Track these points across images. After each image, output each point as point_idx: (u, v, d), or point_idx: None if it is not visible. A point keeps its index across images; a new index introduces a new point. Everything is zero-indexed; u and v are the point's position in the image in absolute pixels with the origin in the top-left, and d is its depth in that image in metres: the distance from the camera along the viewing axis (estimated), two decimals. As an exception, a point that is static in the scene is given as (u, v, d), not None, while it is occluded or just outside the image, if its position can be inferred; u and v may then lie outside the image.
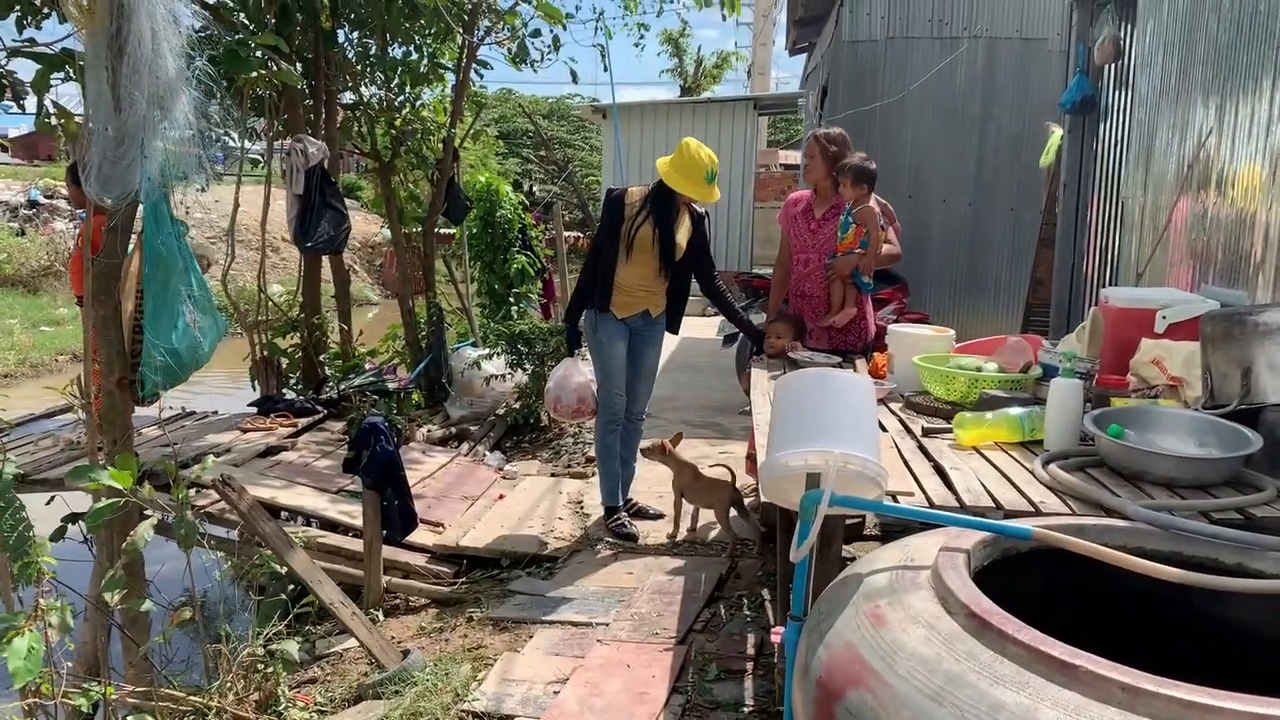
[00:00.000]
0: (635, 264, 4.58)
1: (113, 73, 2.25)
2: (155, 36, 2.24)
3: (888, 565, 1.85)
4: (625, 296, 4.63)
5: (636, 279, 4.62)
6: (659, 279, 4.66)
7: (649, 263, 4.58)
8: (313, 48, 6.62)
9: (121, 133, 2.30)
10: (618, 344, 4.66)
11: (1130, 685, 1.34)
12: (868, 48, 9.16)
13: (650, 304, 4.71)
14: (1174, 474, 2.45)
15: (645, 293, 4.67)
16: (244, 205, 6.39)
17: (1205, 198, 4.23)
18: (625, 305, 4.64)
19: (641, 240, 4.54)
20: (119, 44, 2.23)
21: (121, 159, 2.33)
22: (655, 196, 4.56)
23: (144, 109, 2.29)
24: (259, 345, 6.75)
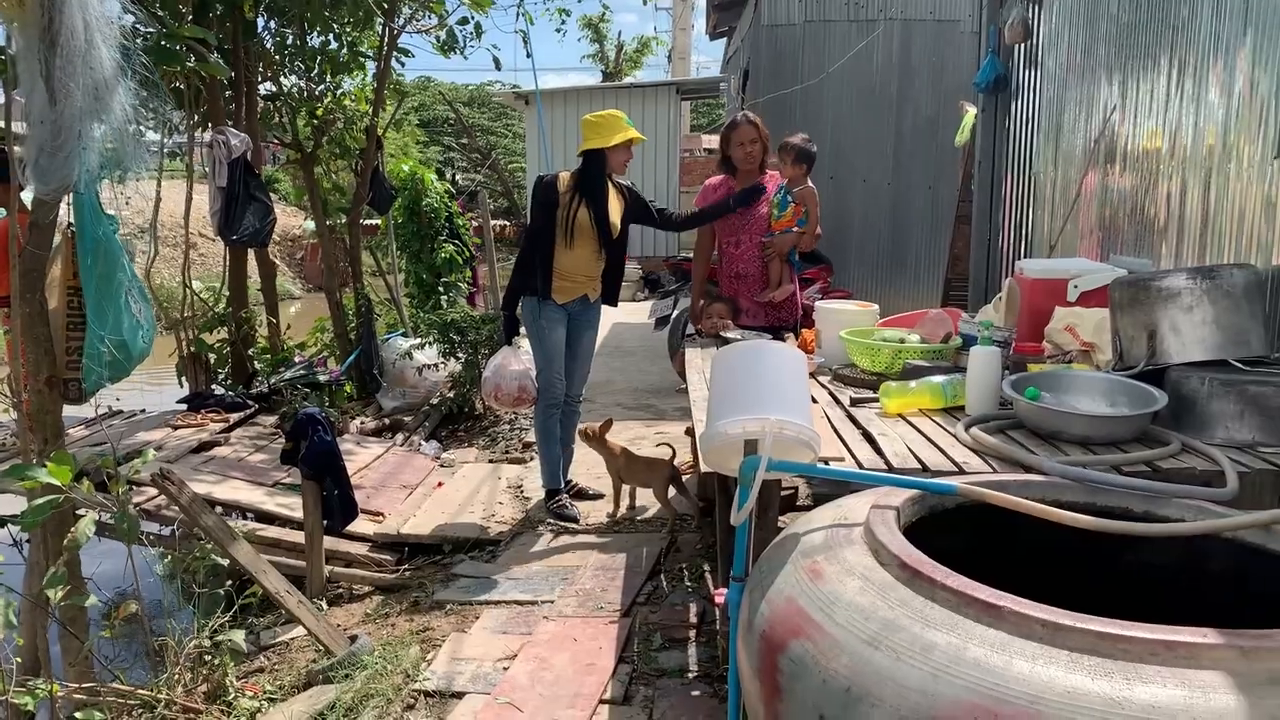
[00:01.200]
0: (575, 249, 4.59)
1: (46, 65, 2.24)
2: (88, 27, 2.23)
3: (823, 524, 1.95)
4: (565, 282, 4.63)
5: (577, 264, 4.63)
6: (598, 261, 4.69)
7: (589, 245, 4.61)
8: (231, 38, 6.53)
9: (58, 125, 2.29)
10: (558, 329, 4.67)
11: (1050, 621, 1.45)
12: (786, 31, 9.30)
13: (589, 288, 4.74)
14: (1087, 432, 2.60)
15: (585, 278, 4.69)
16: (164, 200, 6.28)
17: (1111, 171, 4.43)
18: (565, 291, 4.64)
19: (580, 225, 4.54)
20: (51, 36, 2.22)
21: (59, 150, 2.31)
22: (583, 178, 4.58)
23: (80, 100, 2.28)
24: (186, 341, 6.65)
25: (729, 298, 4.68)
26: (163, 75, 5.06)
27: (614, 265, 4.80)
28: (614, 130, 4.50)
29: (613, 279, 4.84)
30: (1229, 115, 3.42)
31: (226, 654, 3.19)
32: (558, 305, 4.64)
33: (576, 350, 4.84)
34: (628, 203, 4.74)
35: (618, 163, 4.60)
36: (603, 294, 4.85)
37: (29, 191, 2.65)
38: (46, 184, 2.43)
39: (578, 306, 4.73)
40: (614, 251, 4.75)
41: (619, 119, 4.55)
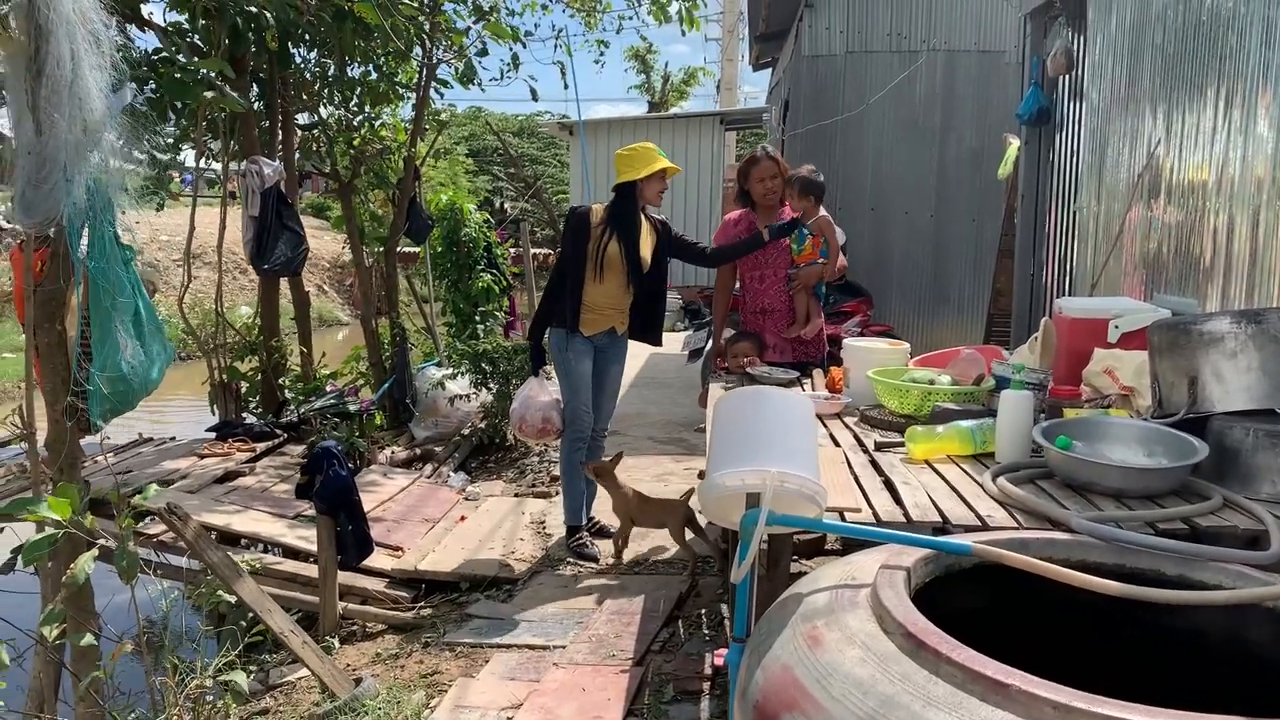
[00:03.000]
0: (605, 282, 4.56)
1: (32, 95, 2.20)
2: (75, 57, 2.19)
3: (828, 584, 1.83)
4: (593, 315, 4.59)
5: (605, 297, 4.59)
6: (626, 295, 4.63)
7: (617, 280, 4.56)
8: (268, 68, 6.57)
9: (42, 156, 2.25)
10: (585, 361, 4.62)
11: (1062, 704, 1.32)
12: (827, 62, 9.20)
13: (617, 321, 4.69)
14: (1121, 484, 2.45)
15: (614, 310, 4.64)
16: (207, 227, 6.33)
17: (1156, 206, 4.27)
18: (593, 324, 4.60)
19: (610, 259, 4.52)
20: (37, 65, 2.18)
21: (44, 183, 2.28)
22: (615, 211, 4.56)
23: (65, 131, 2.24)
24: (217, 369, 6.67)
25: (754, 334, 4.57)
26: (199, 105, 5.11)
27: (650, 299, 4.74)
28: (646, 162, 4.48)
29: (651, 314, 4.78)
30: (1279, 148, 3.26)
31: (229, 695, 3.11)
32: (585, 337, 4.60)
33: (603, 383, 4.78)
34: (660, 236, 4.70)
35: (652, 194, 4.56)
36: (642, 329, 4.78)
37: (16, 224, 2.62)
38: (31, 216, 2.39)
39: (605, 339, 4.69)
40: (647, 285, 4.67)
41: (650, 150, 4.54)
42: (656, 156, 4.51)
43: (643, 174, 4.47)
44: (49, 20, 2.15)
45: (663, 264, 4.73)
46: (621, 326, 4.71)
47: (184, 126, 6.51)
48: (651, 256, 4.62)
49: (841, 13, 9.15)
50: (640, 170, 4.48)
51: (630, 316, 4.74)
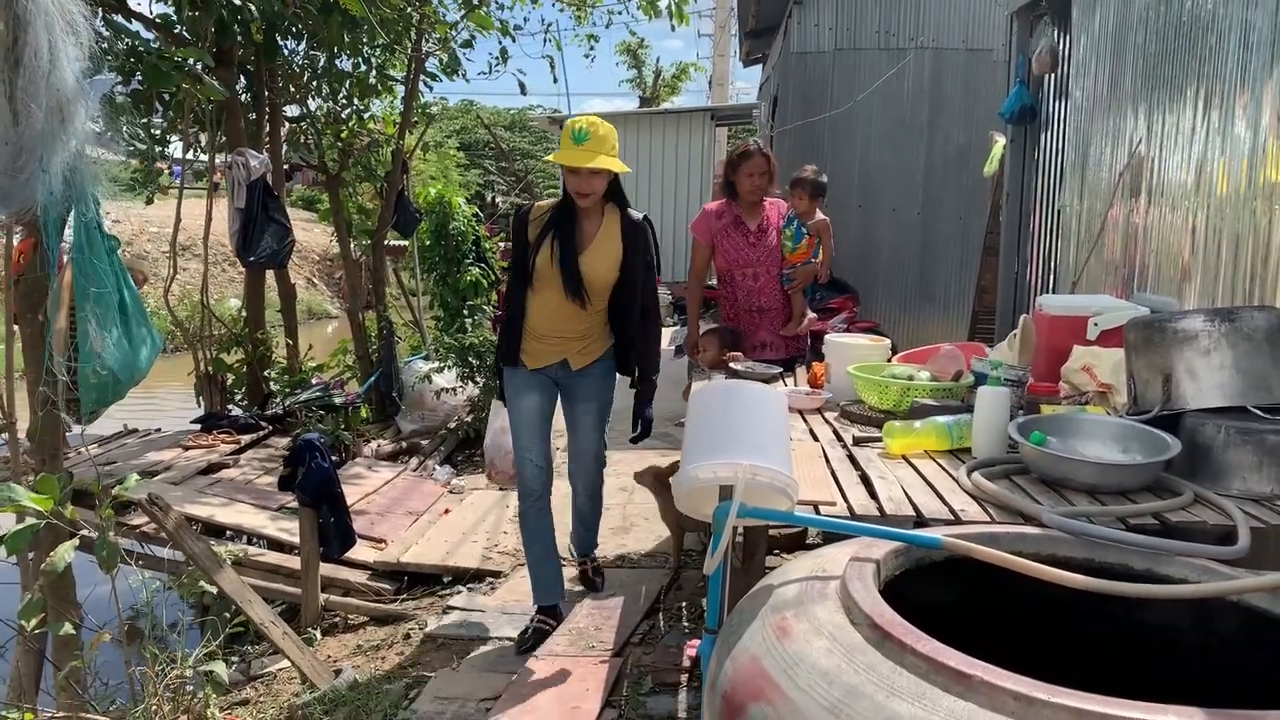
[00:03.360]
0: (541, 298, 3.62)
1: (9, 84, 2.21)
2: (53, 47, 2.20)
3: (798, 576, 1.84)
4: (535, 343, 3.68)
5: (547, 319, 3.64)
6: (577, 317, 3.64)
7: (555, 296, 3.57)
8: (255, 60, 6.56)
9: (19, 145, 2.26)
10: (525, 397, 3.71)
11: (1023, 694, 1.33)
12: (815, 59, 9.23)
13: (567, 351, 3.69)
14: (1095, 480, 2.47)
15: (558, 338, 3.66)
16: (195, 219, 6.32)
17: (1137, 205, 4.29)
18: (535, 354, 3.69)
19: (541, 268, 3.56)
20: (15, 56, 2.19)
21: (20, 173, 2.28)
22: (559, 206, 3.65)
23: (41, 121, 2.24)
24: (203, 361, 6.66)
25: (729, 329, 4.57)
26: (185, 96, 5.11)
27: (620, 321, 3.74)
28: (561, 149, 3.52)
29: (625, 339, 3.77)
30: (1255, 149, 3.28)
31: (208, 685, 3.12)
32: (528, 370, 3.70)
33: (572, 422, 3.88)
34: (630, 241, 3.64)
35: (572, 187, 3.54)
36: (616, 360, 3.84)
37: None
38: (8, 206, 2.40)
39: (561, 374, 3.74)
40: (617, 303, 3.69)
41: (566, 133, 3.50)
42: (567, 142, 3.47)
43: (557, 160, 3.55)
44: (27, 11, 2.15)
45: (634, 276, 3.65)
46: (580, 357, 3.71)
47: (170, 118, 6.50)
48: (621, 267, 3.61)
49: (830, 9, 9.18)
50: (556, 158, 3.55)
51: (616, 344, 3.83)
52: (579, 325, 3.67)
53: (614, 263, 3.62)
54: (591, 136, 3.41)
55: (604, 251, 3.61)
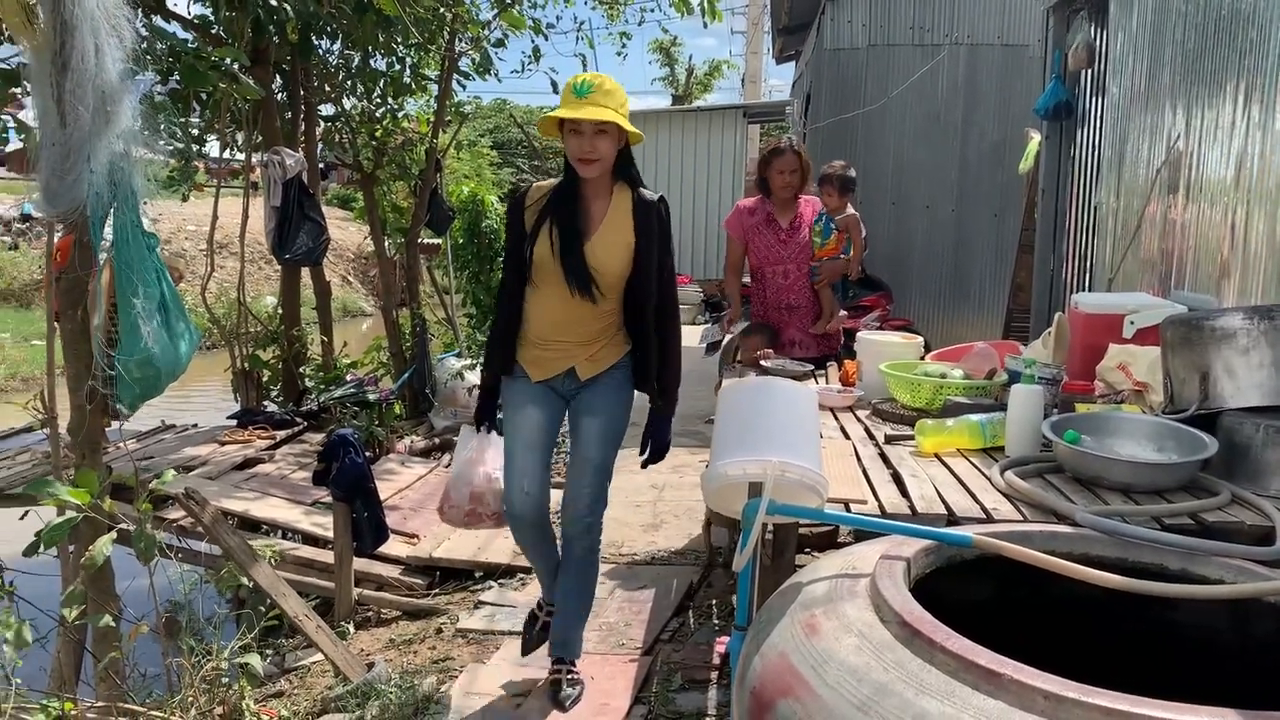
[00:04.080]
0: (542, 296, 3.09)
1: (57, 87, 2.25)
2: (99, 50, 2.24)
3: (828, 574, 1.84)
4: (536, 350, 3.13)
5: (548, 323, 3.10)
6: (586, 318, 3.09)
7: (556, 292, 3.04)
8: (291, 60, 6.63)
9: (67, 146, 2.30)
10: (525, 410, 3.14)
11: (1053, 693, 1.33)
12: (849, 55, 9.18)
13: (575, 358, 3.12)
14: (1129, 479, 2.45)
15: (562, 343, 3.11)
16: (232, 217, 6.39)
17: (1174, 202, 4.24)
18: (538, 363, 3.14)
19: (540, 259, 3.03)
20: (63, 59, 2.23)
21: (68, 173, 2.33)
22: (558, 188, 3.11)
23: (88, 123, 2.28)
24: (239, 358, 6.74)
25: (767, 326, 4.57)
26: (222, 96, 5.17)
27: (635, 322, 3.15)
28: (562, 106, 2.97)
29: (643, 347, 3.16)
30: (1297, 145, 3.23)
31: (244, 677, 3.16)
32: (530, 382, 3.15)
33: (577, 443, 3.19)
34: (644, 225, 3.07)
35: (571, 153, 2.98)
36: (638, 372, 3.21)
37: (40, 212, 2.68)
38: (56, 206, 2.45)
39: (566, 385, 3.17)
40: (632, 300, 3.11)
41: (568, 89, 2.95)
42: (569, 97, 2.93)
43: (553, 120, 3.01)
44: (74, 15, 2.19)
45: (648, 267, 3.07)
46: (589, 366, 3.14)
47: (208, 118, 6.59)
48: (633, 257, 3.05)
49: (864, 6, 9.13)
50: (549, 122, 3.03)
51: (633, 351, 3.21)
52: (588, 327, 3.10)
53: (625, 250, 3.04)
54: (597, 89, 2.88)
55: (613, 237, 3.04)
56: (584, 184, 3.04)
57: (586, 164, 2.94)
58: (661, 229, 3.09)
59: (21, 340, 14.31)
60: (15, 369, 12.90)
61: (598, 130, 2.90)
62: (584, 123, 2.89)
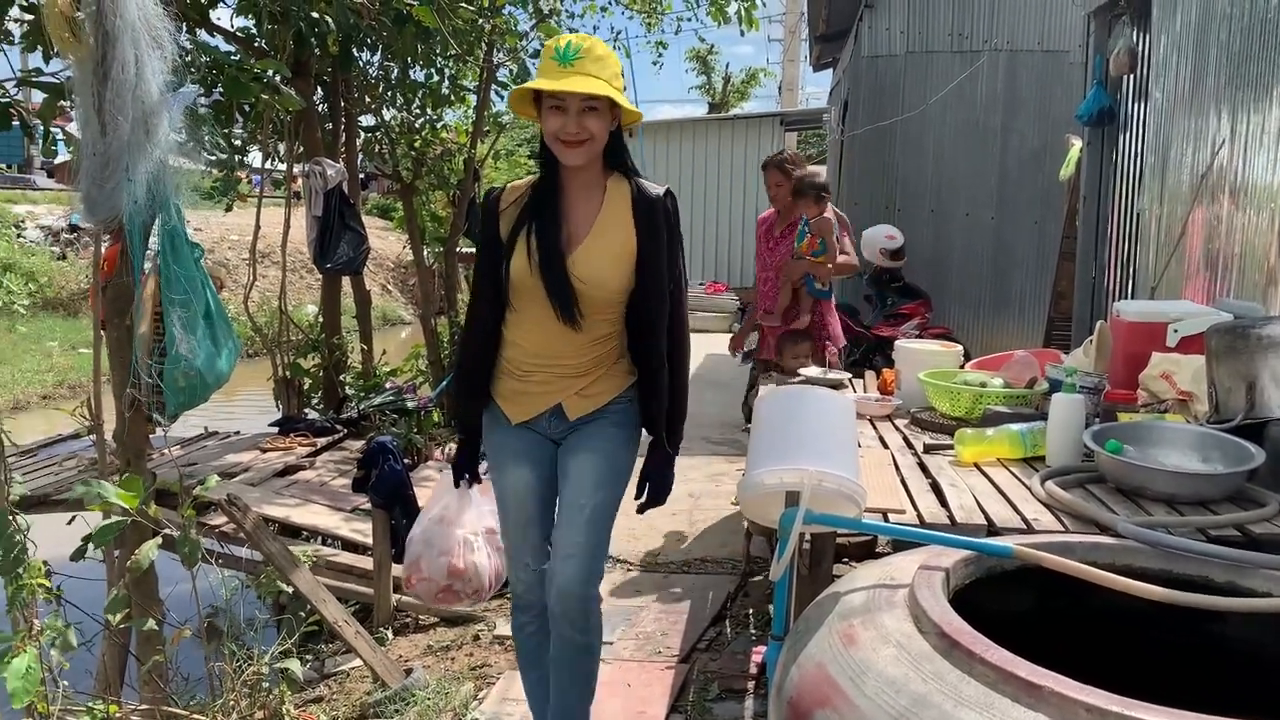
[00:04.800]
0: (521, 320, 2.52)
1: (98, 98, 2.30)
2: (139, 61, 2.29)
3: (866, 584, 1.83)
4: (514, 382, 2.56)
5: (529, 351, 2.53)
6: (574, 344, 2.50)
7: (539, 311, 2.47)
8: (331, 72, 6.72)
9: (106, 156, 2.35)
10: (512, 471, 2.60)
11: (1095, 706, 1.31)
12: (887, 62, 9.13)
13: (562, 393, 2.55)
14: (1173, 490, 2.42)
15: (546, 376, 2.54)
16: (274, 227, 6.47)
17: (1219, 208, 4.18)
18: (516, 399, 2.57)
19: (518, 274, 2.46)
20: (104, 70, 2.28)
21: (106, 182, 2.38)
22: (537, 180, 2.55)
23: (128, 133, 2.33)
24: (281, 365, 6.82)
25: (807, 333, 4.60)
26: (264, 107, 5.25)
27: (641, 347, 2.56)
28: (540, 76, 2.41)
29: (651, 380, 2.57)
30: (1346, 150, 3.18)
31: (284, 682, 3.20)
32: (509, 425, 2.60)
33: (564, 489, 2.59)
34: (648, 226, 2.48)
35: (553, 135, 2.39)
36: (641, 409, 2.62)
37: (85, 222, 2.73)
38: (96, 215, 2.50)
39: (556, 427, 2.59)
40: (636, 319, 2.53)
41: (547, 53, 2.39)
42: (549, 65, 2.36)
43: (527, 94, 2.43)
44: (115, 26, 2.25)
45: (655, 278, 2.50)
46: (580, 402, 2.55)
47: (250, 129, 6.68)
48: (636, 266, 2.47)
49: (902, 13, 9.08)
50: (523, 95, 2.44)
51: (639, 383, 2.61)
52: (579, 356, 2.52)
53: (625, 258, 2.46)
54: (585, 55, 2.31)
55: (608, 242, 2.46)
56: (568, 175, 2.46)
57: (572, 147, 2.36)
58: (670, 229, 2.51)
59: (69, 348, 14.56)
60: (63, 376, 13.13)
61: (586, 106, 2.33)
62: (569, 96, 2.31)
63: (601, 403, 2.58)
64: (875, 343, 7.79)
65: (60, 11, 2.46)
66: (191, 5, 4.99)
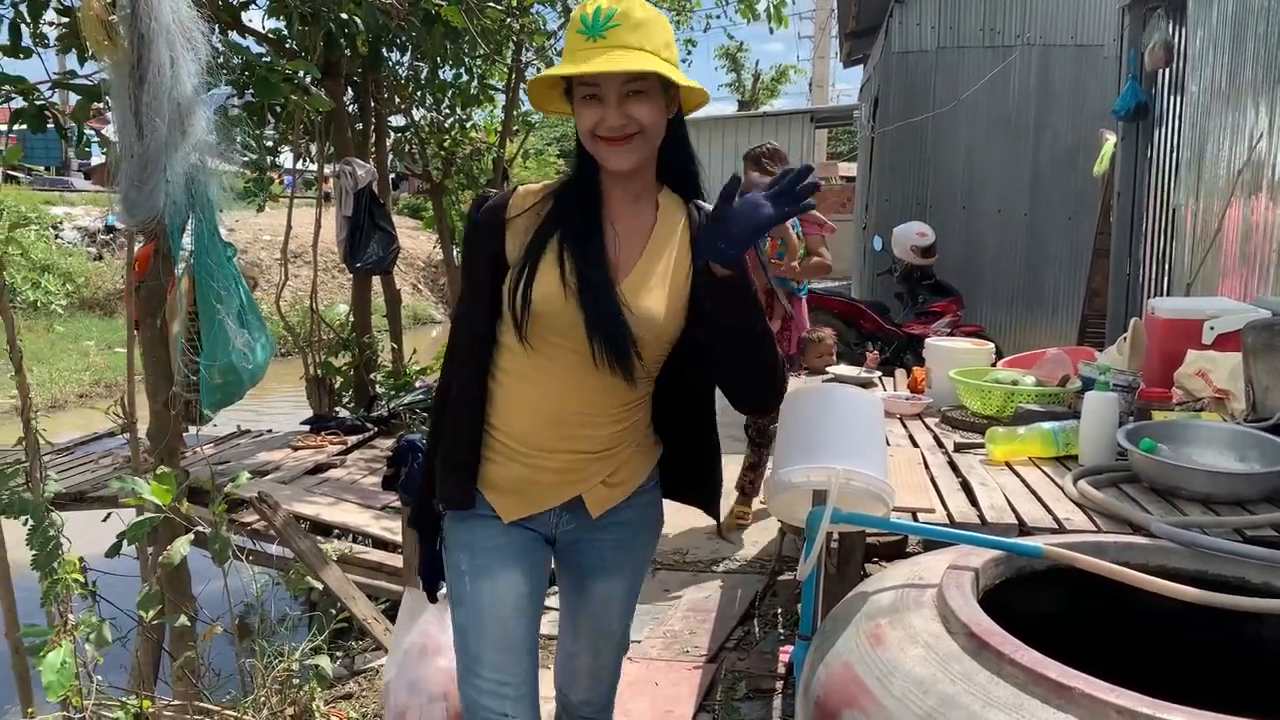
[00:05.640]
0: (538, 371, 1.84)
1: (134, 100, 2.33)
2: (174, 63, 2.32)
3: (894, 584, 1.82)
4: (517, 465, 1.87)
5: (544, 414, 1.85)
6: (616, 406, 1.87)
7: (568, 363, 1.82)
8: (361, 72, 6.76)
9: (144, 158, 2.38)
10: (496, 577, 1.87)
11: (1127, 708, 1.29)
12: (918, 58, 9.07)
13: (585, 480, 1.91)
14: (1209, 489, 2.38)
15: (569, 455, 1.87)
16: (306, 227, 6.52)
17: (1257, 203, 4.11)
18: (521, 490, 1.89)
19: (543, 306, 1.78)
20: (140, 73, 2.31)
21: (145, 183, 2.41)
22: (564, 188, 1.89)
23: (164, 134, 2.36)
24: (312, 364, 6.87)
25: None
26: (295, 108, 5.29)
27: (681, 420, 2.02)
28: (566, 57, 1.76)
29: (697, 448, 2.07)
30: (1387, 143, 3.12)
31: (314, 678, 3.22)
32: (491, 517, 1.89)
33: (583, 608, 2.07)
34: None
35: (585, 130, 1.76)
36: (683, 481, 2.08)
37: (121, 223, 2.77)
38: (135, 216, 2.53)
39: (567, 525, 1.94)
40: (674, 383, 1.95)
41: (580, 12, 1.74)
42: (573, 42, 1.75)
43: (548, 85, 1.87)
44: (150, 29, 2.27)
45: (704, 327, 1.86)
46: (610, 494, 1.93)
47: (282, 130, 6.74)
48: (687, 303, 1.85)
49: (933, 7, 9.02)
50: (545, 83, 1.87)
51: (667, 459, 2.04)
52: (611, 424, 1.87)
53: (678, 296, 1.83)
54: (621, 21, 1.69)
55: (663, 271, 1.83)
56: (611, 183, 1.82)
57: (616, 146, 1.73)
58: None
59: (106, 348, 14.75)
60: (100, 375, 13.32)
61: (630, 90, 1.71)
62: (604, 78, 1.70)
63: (628, 492, 1.95)
64: (906, 341, 7.74)
65: (95, 15, 2.50)
66: (224, 7, 5.04)
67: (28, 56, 3.81)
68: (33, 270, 16.43)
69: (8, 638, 2.98)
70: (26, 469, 2.90)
